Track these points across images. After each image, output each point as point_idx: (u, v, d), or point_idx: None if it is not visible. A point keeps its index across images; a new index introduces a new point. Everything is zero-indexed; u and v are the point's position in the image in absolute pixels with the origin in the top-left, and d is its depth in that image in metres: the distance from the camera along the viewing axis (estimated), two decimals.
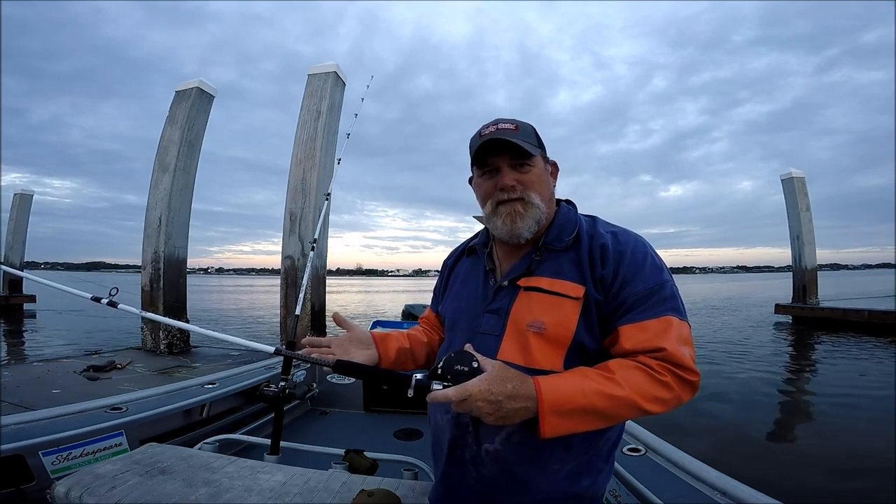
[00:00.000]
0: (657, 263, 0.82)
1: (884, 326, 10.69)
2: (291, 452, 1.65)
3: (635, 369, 0.72)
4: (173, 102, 7.94)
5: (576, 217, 0.90)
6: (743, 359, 8.60)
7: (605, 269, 0.81)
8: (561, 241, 0.86)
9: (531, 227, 0.85)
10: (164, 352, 7.06)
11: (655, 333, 0.75)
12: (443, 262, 1.10)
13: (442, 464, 0.88)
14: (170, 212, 7.41)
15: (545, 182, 0.88)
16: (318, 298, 6.92)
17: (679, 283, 0.82)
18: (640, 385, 0.71)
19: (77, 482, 0.97)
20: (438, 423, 0.90)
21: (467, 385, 0.67)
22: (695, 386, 0.74)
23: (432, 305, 1.12)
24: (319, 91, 7.15)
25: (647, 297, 0.78)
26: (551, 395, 0.69)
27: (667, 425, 4.10)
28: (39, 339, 11.11)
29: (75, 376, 5.27)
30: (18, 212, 15.80)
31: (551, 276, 0.83)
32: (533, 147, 0.84)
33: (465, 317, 0.92)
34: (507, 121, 0.87)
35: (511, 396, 0.68)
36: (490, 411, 0.68)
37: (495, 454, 0.81)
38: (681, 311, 0.79)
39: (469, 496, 0.84)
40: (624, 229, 0.88)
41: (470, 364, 0.71)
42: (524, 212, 0.84)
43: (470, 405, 0.67)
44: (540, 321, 0.80)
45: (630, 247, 0.83)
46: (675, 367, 0.72)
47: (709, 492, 1.18)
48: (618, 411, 0.71)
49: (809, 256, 13.74)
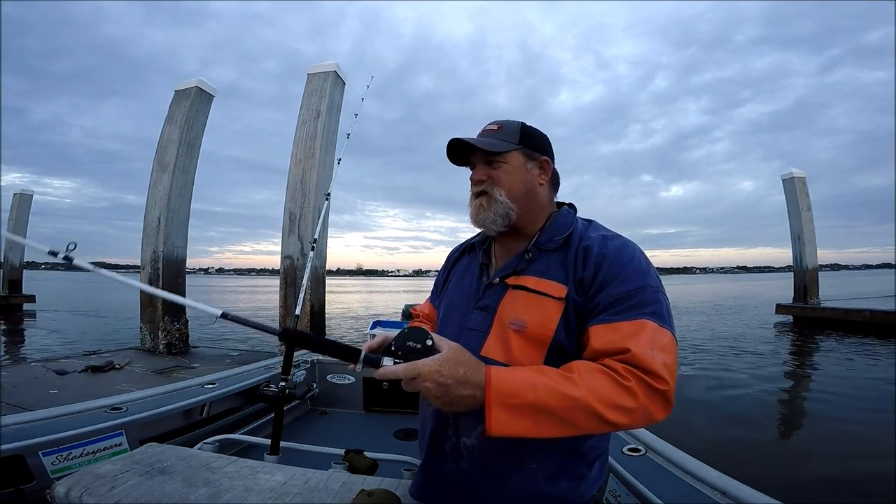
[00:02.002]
0: (642, 268, 0.80)
1: (885, 326, 10.70)
2: (291, 452, 1.65)
3: (598, 372, 0.68)
4: (172, 102, 7.93)
5: (572, 220, 0.91)
6: (743, 359, 8.60)
7: (585, 270, 0.80)
8: (552, 241, 0.87)
9: (496, 221, 0.88)
10: (162, 352, 7.06)
11: (625, 335, 0.71)
12: (447, 256, 1.12)
13: (424, 454, 0.89)
14: (169, 212, 7.40)
15: (518, 178, 0.89)
16: (318, 298, 6.92)
17: (679, 284, 0.78)
18: (599, 388, 0.65)
19: (77, 482, 0.97)
20: (424, 414, 0.92)
21: (418, 364, 0.66)
22: (665, 397, 0.67)
23: (432, 298, 1.13)
24: (319, 90, 7.15)
25: (624, 299, 0.75)
26: (500, 385, 0.66)
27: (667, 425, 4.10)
28: (39, 338, 11.10)
29: (74, 376, 5.27)
30: (18, 212, 15.79)
31: (538, 275, 0.84)
32: (505, 144, 0.88)
33: (456, 312, 0.93)
34: (496, 122, 0.92)
35: (461, 381, 0.66)
36: (437, 394, 0.66)
37: (472, 448, 0.82)
38: (662, 317, 0.74)
39: (448, 488, 0.86)
40: (617, 234, 0.87)
41: (423, 342, 0.69)
42: (487, 205, 0.88)
43: (418, 385, 0.66)
44: (521, 319, 0.81)
45: (615, 250, 0.81)
46: (642, 371, 0.67)
47: (709, 492, 1.18)
48: (572, 415, 0.65)
49: (810, 256, 13.75)
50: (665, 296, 0.79)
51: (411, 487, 0.95)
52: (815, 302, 13.66)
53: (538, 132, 0.92)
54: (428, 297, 1.17)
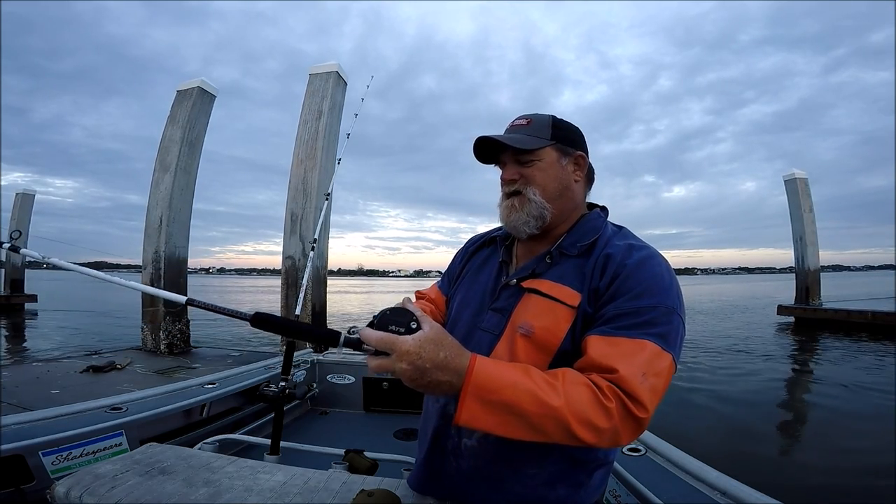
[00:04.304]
0: (662, 285, 0.73)
1: (887, 327, 10.66)
2: (291, 452, 1.65)
3: (583, 385, 0.64)
4: (174, 102, 7.95)
5: (601, 224, 0.86)
6: (744, 359, 8.59)
7: (602, 279, 0.76)
8: (575, 246, 0.83)
9: (529, 223, 0.83)
10: (164, 352, 7.05)
11: (620, 353, 0.67)
12: (465, 243, 1.07)
13: (425, 450, 0.89)
14: (171, 212, 7.41)
15: (552, 175, 0.84)
16: (319, 299, 6.91)
17: (681, 285, 0.75)
18: (578, 402, 0.62)
19: (77, 482, 0.97)
20: (428, 410, 0.91)
21: (397, 340, 0.62)
22: (640, 424, 0.64)
23: (442, 284, 1.07)
24: (321, 91, 7.16)
25: (632, 314, 0.70)
26: (481, 378, 0.63)
27: (666, 425, 4.09)
28: (41, 338, 11.12)
29: (75, 376, 5.27)
30: (20, 212, 15.82)
31: (554, 280, 0.81)
32: (537, 140, 0.83)
33: (469, 310, 0.90)
34: (525, 116, 0.87)
35: (439, 366, 0.62)
36: (412, 377, 0.62)
37: (472, 449, 0.81)
38: (669, 341, 0.69)
39: (447, 485, 0.85)
40: (646, 245, 0.81)
41: (407, 324, 0.65)
42: (519, 206, 0.83)
43: (393, 364, 0.62)
44: (530, 324, 0.78)
45: (637, 261, 0.76)
46: (625, 395, 0.63)
47: (709, 492, 1.18)
48: (543, 423, 0.62)
49: (812, 258, 13.70)
50: (681, 318, 0.73)
51: (409, 478, 0.95)
52: (817, 303, 13.61)
53: (571, 125, 0.88)
54: (437, 281, 1.10)
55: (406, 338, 0.63)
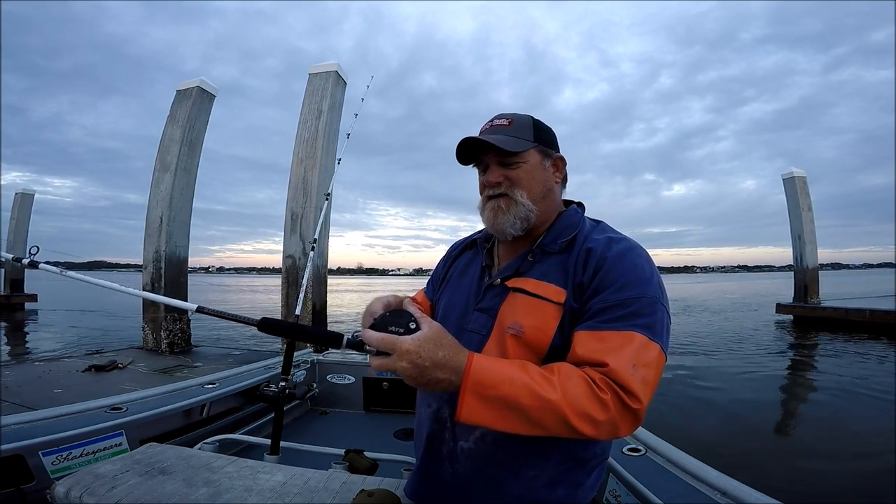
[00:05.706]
0: (644, 276, 0.75)
1: (885, 326, 10.67)
2: (291, 452, 1.65)
3: (579, 378, 0.65)
4: (174, 102, 7.95)
5: (579, 220, 0.88)
6: (743, 358, 8.59)
7: (585, 273, 0.77)
8: (555, 243, 0.84)
9: (515, 224, 0.84)
10: (165, 351, 7.07)
11: (609, 347, 0.68)
12: (448, 250, 1.08)
13: (420, 457, 0.88)
14: (171, 211, 7.42)
15: (537, 178, 0.85)
16: (319, 298, 6.92)
17: (680, 283, 0.76)
18: (576, 395, 0.63)
19: (77, 482, 0.97)
20: (421, 416, 0.90)
21: (397, 340, 0.64)
22: (636, 415, 0.66)
23: (427, 290, 1.08)
24: (320, 90, 7.16)
25: (617, 307, 0.72)
26: (478, 374, 0.64)
27: (666, 425, 4.09)
28: (40, 338, 11.12)
29: (77, 375, 5.28)
30: (19, 211, 15.82)
31: (538, 278, 0.81)
32: (522, 142, 0.83)
33: (455, 312, 0.90)
34: (505, 116, 0.87)
35: (439, 365, 0.64)
36: (412, 375, 0.64)
37: (469, 452, 0.80)
38: (655, 331, 0.71)
39: (444, 491, 0.84)
40: (624, 237, 0.82)
41: (406, 325, 0.67)
42: (506, 208, 0.84)
43: (394, 364, 0.64)
44: (519, 324, 0.78)
45: (618, 253, 0.77)
46: (618, 387, 0.65)
47: (709, 492, 1.18)
48: (541, 417, 0.63)
49: (811, 256, 13.72)
50: (664, 308, 0.75)
51: (406, 486, 0.94)
52: (816, 301, 13.63)
53: (548, 127, 0.88)
54: (423, 287, 1.12)
55: (406, 338, 0.65)
